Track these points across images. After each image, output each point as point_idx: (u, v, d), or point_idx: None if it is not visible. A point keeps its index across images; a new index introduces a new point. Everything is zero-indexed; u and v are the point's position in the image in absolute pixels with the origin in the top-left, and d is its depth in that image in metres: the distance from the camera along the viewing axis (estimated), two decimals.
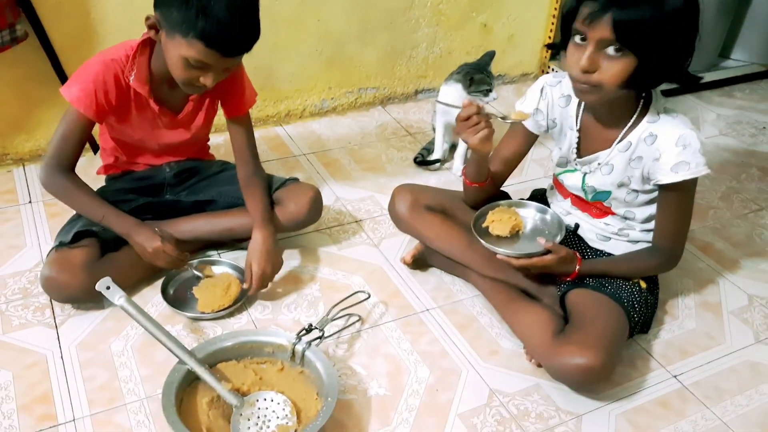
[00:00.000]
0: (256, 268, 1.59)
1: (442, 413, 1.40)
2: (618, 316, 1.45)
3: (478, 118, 1.40)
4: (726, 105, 2.78)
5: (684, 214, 1.47)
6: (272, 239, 1.64)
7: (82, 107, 1.50)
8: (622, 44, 1.24)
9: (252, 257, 1.60)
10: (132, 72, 1.51)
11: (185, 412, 1.30)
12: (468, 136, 1.43)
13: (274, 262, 1.63)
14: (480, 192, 1.63)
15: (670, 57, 1.28)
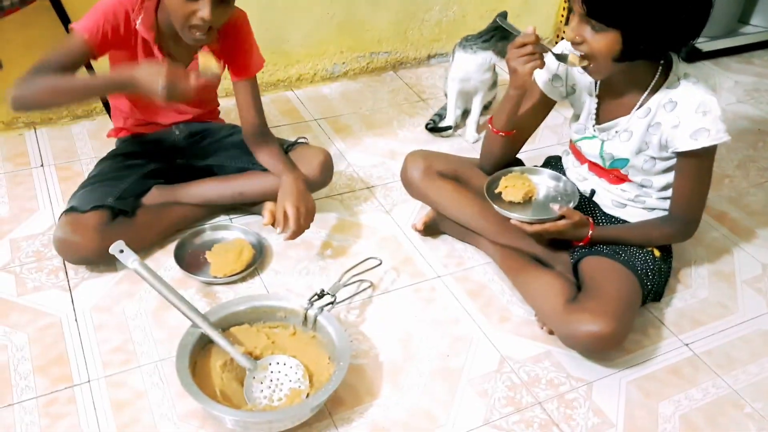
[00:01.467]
0: (290, 209, 1.54)
1: (453, 379, 1.41)
2: (631, 283, 1.44)
3: (533, 48, 1.38)
4: (744, 72, 2.73)
5: (702, 182, 1.45)
6: (302, 183, 1.61)
7: (87, 34, 1.45)
8: (592, 17, 1.27)
9: (285, 199, 1.56)
10: (139, 16, 1.50)
11: (199, 374, 1.31)
12: (519, 63, 1.39)
13: (308, 202, 1.59)
14: (504, 146, 1.61)
15: (657, 30, 1.27)
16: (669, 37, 1.29)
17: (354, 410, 1.33)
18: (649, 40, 1.28)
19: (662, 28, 1.27)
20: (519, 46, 1.39)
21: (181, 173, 1.77)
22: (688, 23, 1.28)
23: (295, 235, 1.58)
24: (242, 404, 1.29)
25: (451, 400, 1.36)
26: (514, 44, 1.40)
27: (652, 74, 1.39)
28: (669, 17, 1.25)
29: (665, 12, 1.24)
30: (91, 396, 1.33)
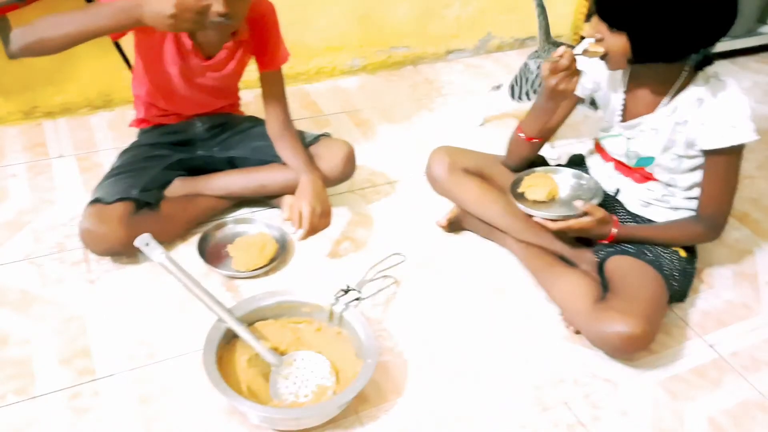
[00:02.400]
0: (306, 208, 1.54)
1: (477, 377, 1.40)
2: (659, 284, 1.44)
3: (572, 64, 1.39)
4: (763, 72, 2.72)
5: (730, 181, 1.44)
6: (320, 182, 1.61)
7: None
8: (603, 19, 1.31)
9: (301, 198, 1.57)
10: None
11: (224, 369, 1.31)
12: (567, 83, 1.41)
13: (323, 203, 1.59)
14: (532, 149, 1.61)
15: (663, 36, 1.28)
16: (678, 43, 1.30)
17: (380, 407, 1.33)
18: (657, 45, 1.30)
19: (669, 34, 1.27)
20: (564, 69, 1.39)
21: (203, 165, 1.77)
22: (700, 30, 1.28)
23: (309, 235, 1.58)
24: (268, 400, 1.29)
25: (476, 398, 1.36)
26: (558, 68, 1.40)
27: (678, 72, 1.38)
28: (675, 23, 1.25)
29: (671, 18, 1.25)
30: (115, 390, 1.32)
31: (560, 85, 1.40)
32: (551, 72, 1.40)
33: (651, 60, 1.35)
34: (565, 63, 1.38)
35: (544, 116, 1.53)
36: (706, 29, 1.28)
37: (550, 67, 1.40)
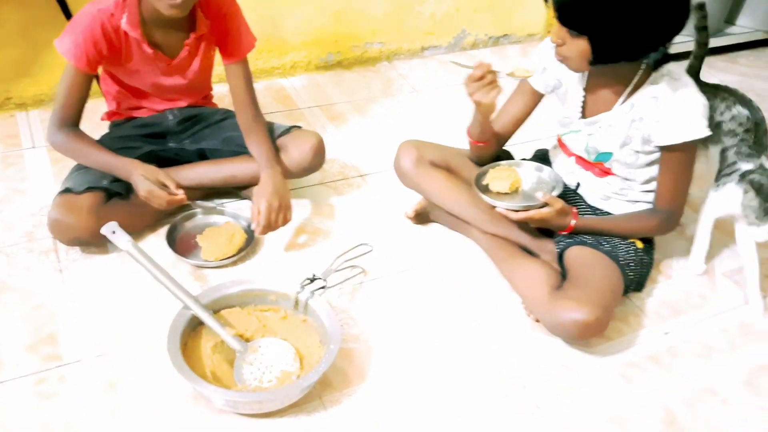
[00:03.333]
0: (263, 204, 1.58)
1: (441, 363, 1.44)
2: (614, 273, 1.48)
3: (491, 77, 1.41)
4: (729, 71, 2.78)
5: (684, 176, 1.49)
6: (280, 178, 1.64)
7: (74, 60, 1.51)
8: (563, 25, 1.34)
9: (259, 195, 1.60)
10: (123, 15, 1.51)
11: (189, 356, 1.33)
12: (482, 95, 1.44)
13: (282, 198, 1.62)
14: (485, 150, 1.65)
15: (622, 37, 1.32)
16: (640, 42, 1.34)
17: (343, 392, 1.36)
18: (616, 47, 1.34)
19: (628, 36, 1.31)
20: (477, 79, 1.43)
21: (174, 157, 1.79)
22: (656, 30, 1.32)
23: (266, 230, 1.60)
24: (232, 385, 1.31)
25: (439, 385, 1.39)
26: (471, 78, 1.44)
27: (635, 71, 1.42)
28: (636, 24, 1.29)
29: (631, 20, 1.28)
30: (81, 376, 1.34)
31: (475, 96, 1.45)
32: (467, 80, 1.45)
33: (611, 61, 1.38)
34: (477, 74, 1.42)
35: (477, 124, 1.58)
36: (661, 28, 1.32)
37: (466, 78, 1.44)
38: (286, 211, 1.62)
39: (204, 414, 1.29)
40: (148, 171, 1.59)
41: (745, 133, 1.57)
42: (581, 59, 1.37)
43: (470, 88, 1.45)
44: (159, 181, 1.58)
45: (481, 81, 1.42)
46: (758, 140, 1.58)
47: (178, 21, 1.57)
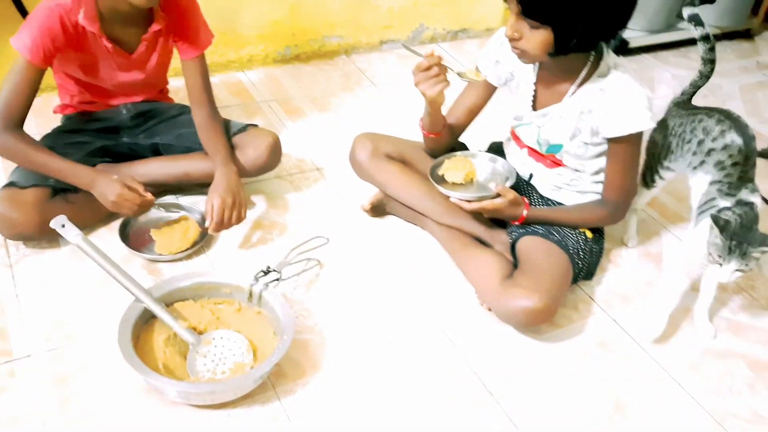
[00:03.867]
0: (216, 201, 1.57)
1: (396, 352, 1.46)
2: (563, 262, 1.52)
3: (438, 69, 1.42)
4: (681, 66, 2.85)
5: (630, 167, 1.53)
6: (234, 176, 1.64)
7: (30, 55, 1.48)
8: (526, 17, 1.32)
9: (213, 192, 1.59)
10: (80, 10, 1.49)
11: (141, 349, 1.33)
12: (427, 87, 1.45)
13: (236, 196, 1.60)
14: (438, 141, 1.67)
15: (586, 26, 1.33)
16: (598, 31, 1.36)
17: (297, 383, 1.37)
18: (580, 36, 1.35)
19: (591, 24, 1.33)
20: (424, 69, 1.43)
21: (127, 152, 1.77)
22: (615, 17, 1.35)
23: (219, 227, 1.59)
24: (185, 377, 1.31)
25: (393, 372, 1.41)
26: (418, 68, 1.44)
27: (584, 63, 1.46)
28: (597, 13, 1.31)
29: (593, 8, 1.31)
30: (31, 370, 1.33)
31: (420, 86, 1.45)
32: (414, 69, 1.45)
33: (572, 51, 1.39)
34: (424, 64, 1.43)
35: (431, 116, 1.59)
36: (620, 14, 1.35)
37: (414, 67, 1.45)
38: (239, 209, 1.61)
39: (156, 407, 1.29)
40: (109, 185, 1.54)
41: (732, 167, 1.49)
42: (541, 51, 1.37)
43: (416, 78, 1.46)
44: (126, 185, 1.54)
45: (428, 72, 1.43)
46: (744, 174, 1.49)
47: (135, 15, 1.56)
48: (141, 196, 1.55)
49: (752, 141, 1.52)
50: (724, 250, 1.37)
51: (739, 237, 1.36)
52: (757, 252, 1.36)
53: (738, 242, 1.36)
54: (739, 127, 1.52)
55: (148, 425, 1.26)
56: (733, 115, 1.57)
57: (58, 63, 1.62)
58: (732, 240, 1.36)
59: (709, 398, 1.43)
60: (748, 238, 1.36)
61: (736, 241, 1.36)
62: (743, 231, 1.38)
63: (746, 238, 1.36)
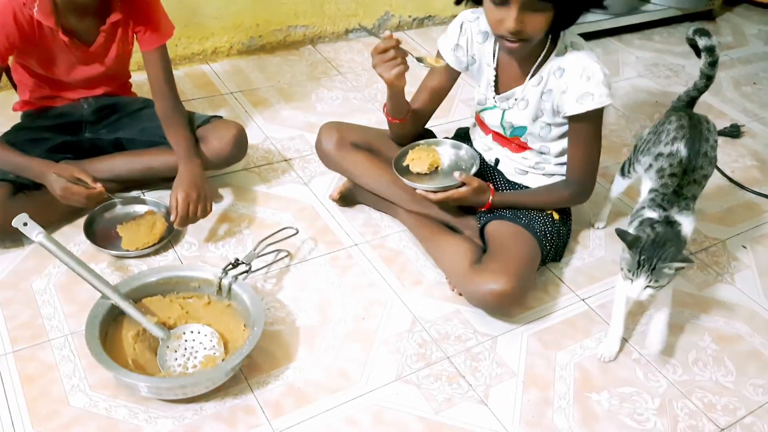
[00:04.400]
0: (181, 195, 1.55)
1: (368, 339, 1.47)
2: (531, 245, 1.53)
3: (395, 53, 1.42)
4: (645, 48, 2.88)
5: (592, 146, 1.55)
6: (199, 170, 1.62)
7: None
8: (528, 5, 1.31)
9: (177, 187, 1.58)
10: (35, 4, 1.46)
11: (110, 345, 1.32)
12: (384, 70, 1.44)
13: (200, 190, 1.59)
14: (403, 128, 1.67)
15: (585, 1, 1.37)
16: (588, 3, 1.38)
17: (270, 374, 1.37)
18: (577, 8, 1.37)
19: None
20: (381, 51, 1.42)
21: (89, 148, 1.74)
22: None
23: (184, 222, 1.58)
24: (156, 373, 1.31)
25: (365, 359, 1.42)
26: (376, 50, 1.43)
27: (543, 44, 1.47)
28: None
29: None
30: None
31: (377, 69, 1.44)
32: (372, 51, 1.44)
33: (566, 26, 1.41)
34: (381, 47, 1.41)
35: (393, 100, 1.58)
36: None
37: (376, 49, 1.43)
38: (204, 203, 1.60)
39: (127, 403, 1.28)
40: (62, 169, 1.54)
41: (669, 177, 1.44)
42: (542, 33, 1.37)
43: (374, 60, 1.45)
44: (74, 177, 1.53)
45: (385, 55, 1.43)
46: (679, 189, 1.42)
47: (92, 6, 1.54)
48: (89, 187, 1.53)
49: (699, 157, 1.44)
50: (633, 265, 1.31)
51: (649, 253, 1.29)
52: (669, 268, 1.29)
53: (647, 257, 1.29)
54: (693, 139, 1.46)
55: (119, 423, 1.25)
56: (699, 125, 1.50)
57: (16, 58, 1.58)
58: (641, 255, 1.29)
59: (675, 371, 1.47)
60: (659, 254, 1.28)
61: (645, 256, 1.29)
62: (654, 247, 1.29)
63: (657, 254, 1.28)
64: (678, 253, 1.30)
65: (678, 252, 1.30)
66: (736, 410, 1.40)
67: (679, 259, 1.29)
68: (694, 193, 1.45)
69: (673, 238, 1.33)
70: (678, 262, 1.29)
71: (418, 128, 1.72)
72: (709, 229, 1.89)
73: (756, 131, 2.37)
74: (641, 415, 1.37)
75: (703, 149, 1.46)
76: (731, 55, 2.90)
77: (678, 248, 1.31)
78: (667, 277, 1.32)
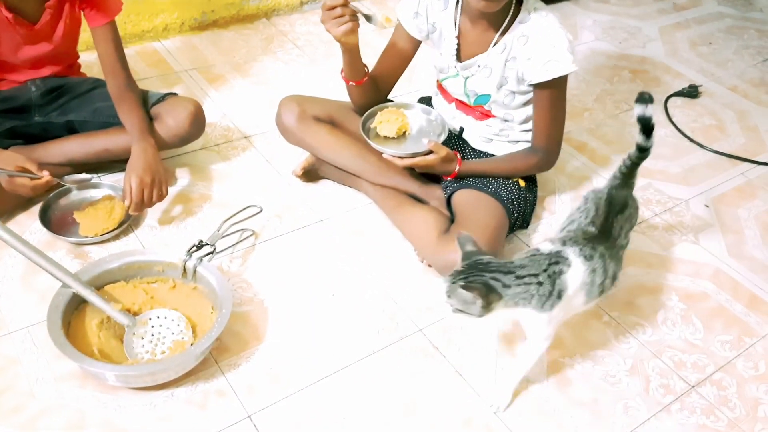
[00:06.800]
0: (134, 180, 1.50)
1: (338, 315, 1.45)
2: (499, 213, 1.53)
3: (342, 10, 1.38)
4: (602, 11, 2.88)
5: (557, 112, 1.54)
6: (152, 151, 1.57)
7: None
8: None
9: (130, 171, 1.53)
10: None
11: (74, 335, 1.28)
12: (332, 27, 1.41)
13: (155, 173, 1.54)
14: (362, 93, 1.63)
15: None
16: None
17: (240, 356, 1.35)
18: None
19: None
20: (328, 9, 1.39)
21: (40, 132, 1.67)
22: None
23: (139, 208, 1.53)
24: (123, 361, 1.27)
25: (337, 336, 1.41)
26: (324, 6, 1.40)
27: (506, 11, 1.45)
28: None
29: None
30: None
31: (326, 25, 1.42)
32: (322, 6, 1.41)
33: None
34: (328, 3, 1.39)
35: (346, 58, 1.54)
36: None
37: (324, 6, 1.40)
38: (160, 186, 1.55)
39: (94, 393, 1.25)
40: (4, 159, 1.46)
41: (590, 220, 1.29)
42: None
43: (322, 16, 1.42)
44: (18, 167, 1.45)
45: (332, 12, 1.39)
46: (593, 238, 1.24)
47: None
48: (34, 177, 1.46)
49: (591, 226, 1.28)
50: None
51: (464, 267, 1.14)
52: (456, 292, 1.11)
53: (460, 271, 1.14)
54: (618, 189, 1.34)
55: (88, 413, 1.22)
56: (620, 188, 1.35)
57: None
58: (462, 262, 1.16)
59: (645, 331, 1.49)
60: (467, 275, 1.12)
61: (455, 272, 1.14)
62: (470, 268, 1.13)
63: (464, 274, 1.13)
64: (474, 284, 1.09)
65: (475, 284, 1.10)
66: (705, 367, 1.43)
67: (464, 286, 1.08)
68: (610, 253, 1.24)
69: (500, 269, 1.13)
70: (461, 290, 1.09)
71: (379, 97, 1.69)
72: (671, 189, 1.91)
73: (713, 91, 2.40)
74: (614, 377, 1.39)
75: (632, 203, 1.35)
76: (686, 16, 2.92)
77: (483, 280, 1.11)
78: (461, 303, 1.10)
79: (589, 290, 1.21)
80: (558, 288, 1.15)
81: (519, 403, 1.32)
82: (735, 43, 2.75)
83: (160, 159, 1.59)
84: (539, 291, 1.14)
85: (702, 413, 1.34)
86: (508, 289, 1.12)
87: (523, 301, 1.14)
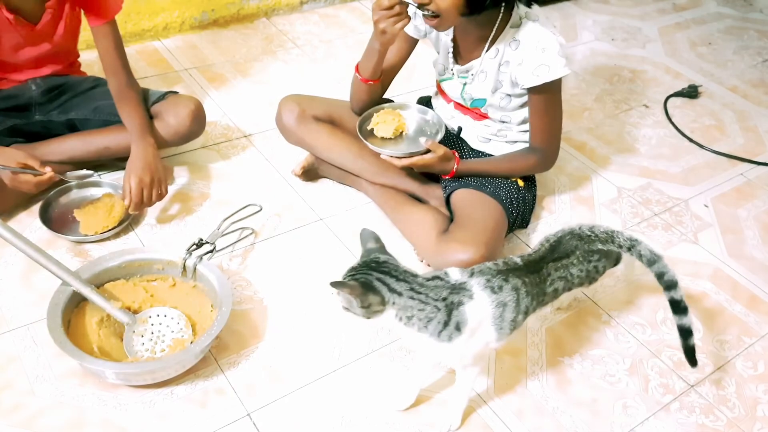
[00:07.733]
0: (134, 180, 1.51)
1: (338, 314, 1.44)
2: (497, 212, 1.53)
3: (400, 8, 1.39)
4: (602, 11, 2.89)
5: (553, 114, 1.54)
6: (152, 150, 1.57)
7: None
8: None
9: (129, 170, 1.53)
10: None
11: (74, 333, 1.28)
12: (388, 25, 1.41)
13: (154, 173, 1.55)
14: (371, 91, 1.63)
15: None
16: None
17: (240, 354, 1.35)
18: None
19: None
20: (386, 8, 1.39)
21: (41, 130, 1.68)
22: None
23: (138, 207, 1.53)
24: (123, 358, 1.28)
25: (337, 334, 1.41)
26: (379, 5, 1.40)
27: (496, 16, 1.45)
28: None
29: None
30: None
31: (381, 24, 1.42)
32: (374, 6, 1.41)
33: (483, 8, 1.37)
34: (385, 3, 1.39)
35: (374, 56, 1.54)
36: None
37: (374, 4, 1.41)
38: (159, 186, 1.55)
39: (94, 391, 1.25)
40: (8, 156, 1.46)
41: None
42: (454, 12, 1.36)
43: (376, 16, 1.41)
44: (21, 164, 1.45)
45: (391, 11, 1.39)
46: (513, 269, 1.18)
47: None
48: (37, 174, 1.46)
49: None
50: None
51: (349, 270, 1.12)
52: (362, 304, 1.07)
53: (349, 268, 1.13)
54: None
55: (88, 411, 1.22)
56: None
57: None
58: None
59: (644, 331, 1.49)
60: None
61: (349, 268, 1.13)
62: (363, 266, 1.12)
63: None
64: (349, 282, 1.08)
65: (351, 280, 1.09)
66: (704, 366, 1.43)
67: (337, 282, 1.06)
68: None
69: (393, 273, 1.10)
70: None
71: (377, 98, 1.69)
72: (671, 189, 1.92)
73: (713, 91, 2.41)
74: (613, 376, 1.39)
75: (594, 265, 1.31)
76: (686, 16, 2.92)
77: (365, 279, 1.08)
78: (345, 300, 1.08)
79: (498, 325, 1.13)
80: (455, 319, 1.08)
81: (519, 403, 1.32)
82: (735, 43, 2.75)
83: (160, 158, 1.59)
84: (436, 317, 1.07)
85: (701, 413, 1.34)
86: (398, 297, 1.06)
87: (419, 321, 1.07)
